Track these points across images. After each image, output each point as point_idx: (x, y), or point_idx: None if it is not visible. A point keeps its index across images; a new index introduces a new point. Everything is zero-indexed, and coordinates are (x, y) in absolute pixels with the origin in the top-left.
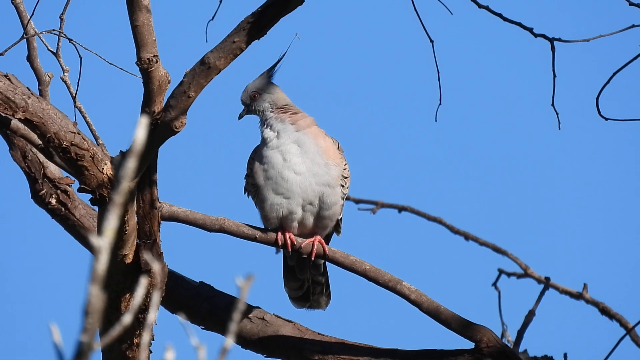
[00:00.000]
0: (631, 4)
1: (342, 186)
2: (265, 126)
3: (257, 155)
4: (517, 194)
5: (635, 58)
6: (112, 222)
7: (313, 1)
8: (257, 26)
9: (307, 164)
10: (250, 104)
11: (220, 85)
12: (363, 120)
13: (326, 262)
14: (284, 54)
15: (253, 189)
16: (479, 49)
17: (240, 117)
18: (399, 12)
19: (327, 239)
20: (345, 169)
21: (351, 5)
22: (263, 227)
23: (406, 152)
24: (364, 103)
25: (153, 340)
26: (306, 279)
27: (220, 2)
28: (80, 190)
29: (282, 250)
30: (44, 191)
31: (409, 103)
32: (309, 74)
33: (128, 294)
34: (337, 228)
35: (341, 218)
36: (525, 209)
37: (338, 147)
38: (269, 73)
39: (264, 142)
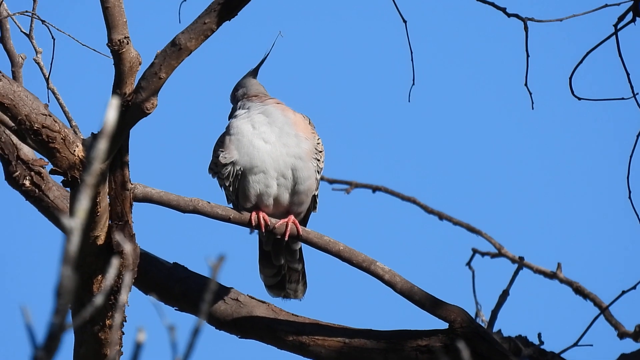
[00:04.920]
0: None
1: (318, 160)
2: (236, 109)
3: (226, 130)
4: (491, 174)
5: (608, 38)
6: (83, 204)
7: None
8: (227, 7)
9: (276, 132)
10: (232, 101)
11: (192, 67)
12: (336, 100)
13: (302, 250)
14: (267, 54)
15: (231, 168)
16: (451, 29)
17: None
18: None
19: (305, 219)
20: (318, 143)
21: None
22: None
23: (380, 132)
24: (337, 83)
25: (125, 321)
26: (282, 266)
27: None
28: (52, 172)
29: (257, 233)
30: (17, 173)
31: (382, 83)
32: (281, 54)
33: (100, 275)
34: (313, 204)
35: (317, 194)
36: (498, 189)
37: (309, 123)
38: (252, 69)
39: (233, 117)
